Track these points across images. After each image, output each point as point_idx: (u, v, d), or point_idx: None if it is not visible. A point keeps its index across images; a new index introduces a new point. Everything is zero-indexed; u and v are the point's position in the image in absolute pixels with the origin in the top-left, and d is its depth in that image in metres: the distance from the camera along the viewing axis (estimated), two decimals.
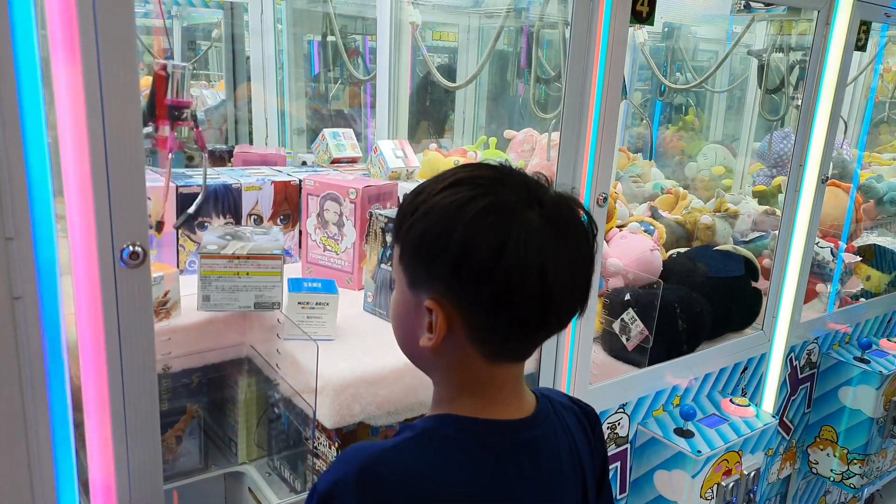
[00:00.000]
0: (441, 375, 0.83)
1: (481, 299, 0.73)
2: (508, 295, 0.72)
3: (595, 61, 1.38)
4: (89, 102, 0.81)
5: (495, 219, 0.72)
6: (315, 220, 1.65)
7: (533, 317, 0.75)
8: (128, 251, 0.87)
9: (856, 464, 2.41)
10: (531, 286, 0.72)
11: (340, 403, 1.25)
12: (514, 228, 0.72)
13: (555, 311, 0.76)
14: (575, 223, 0.77)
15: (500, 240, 0.71)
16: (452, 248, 0.72)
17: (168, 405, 1.42)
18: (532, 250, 0.71)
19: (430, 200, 0.75)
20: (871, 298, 2.65)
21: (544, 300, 0.73)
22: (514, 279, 0.71)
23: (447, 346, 0.77)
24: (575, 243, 0.76)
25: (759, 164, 3.23)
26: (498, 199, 0.73)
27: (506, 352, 0.79)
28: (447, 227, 0.72)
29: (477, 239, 0.71)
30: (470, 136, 3.07)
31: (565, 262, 0.74)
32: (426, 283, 0.76)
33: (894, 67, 4.00)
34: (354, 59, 2.94)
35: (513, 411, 0.82)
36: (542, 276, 0.72)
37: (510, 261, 0.71)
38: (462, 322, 0.75)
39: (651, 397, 1.82)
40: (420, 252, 0.76)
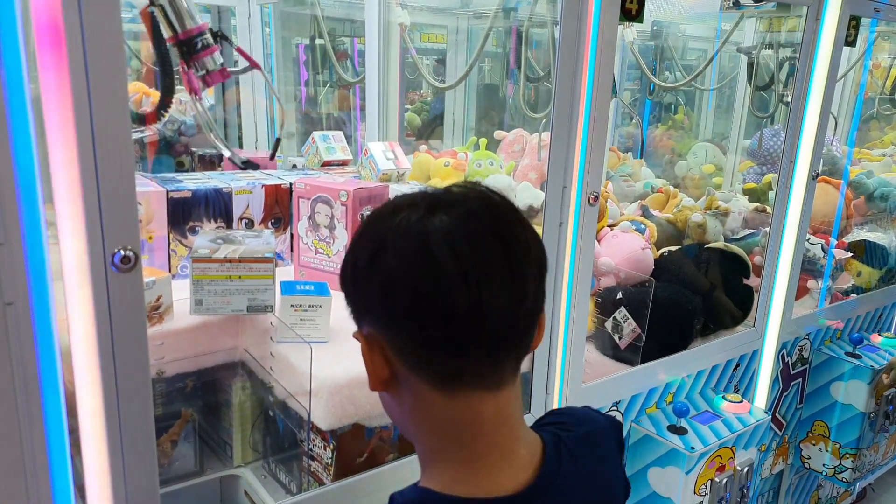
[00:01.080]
0: (411, 429, 0.74)
1: (381, 310, 0.68)
2: (392, 288, 0.66)
3: (585, 60, 1.39)
4: (77, 107, 0.81)
5: (374, 222, 0.70)
6: (306, 223, 1.65)
7: (435, 312, 0.64)
8: (119, 255, 0.87)
9: (848, 458, 2.42)
10: (419, 275, 0.64)
11: (335, 405, 1.25)
12: (393, 223, 0.67)
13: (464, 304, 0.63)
14: (476, 203, 0.68)
15: (379, 238, 0.68)
16: (348, 268, 0.71)
17: (162, 410, 1.41)
18: (411, 240, 0.65)
19: None
20: (862, 294, 2.67)
21: (440, 287, 0.63)
22: (395, 271, 0.65)
23: (400, 386, 0.71)
24: (480, 224, 0.66)
25: (750, 161, 3.24)
26: (385, 207, 0.71)
27: (448, 372, 0.68)
28: (358, 255, 0.70)
29: (362, 245, 0.70)
30: (460, 138, 3.07)
31: (462, 243, 0.64)
32: (355, 317, 0.73)
33: (883, 63, 4.03)
34: (343, 62, 2.94)
35: (503, 478, 0.70)
36: (428, 259, 0.63)
37: (388, 254, 0.66)
38: (389, 345, 0.69)
39: (644, 395, 1.83)
40: (342, 281, 0.73)
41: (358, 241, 0.71)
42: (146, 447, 0.98)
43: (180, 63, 1.19)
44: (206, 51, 1.17)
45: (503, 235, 0.66)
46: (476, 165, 2.31)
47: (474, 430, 0.69)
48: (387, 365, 0.70)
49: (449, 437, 0.70)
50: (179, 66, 1.20)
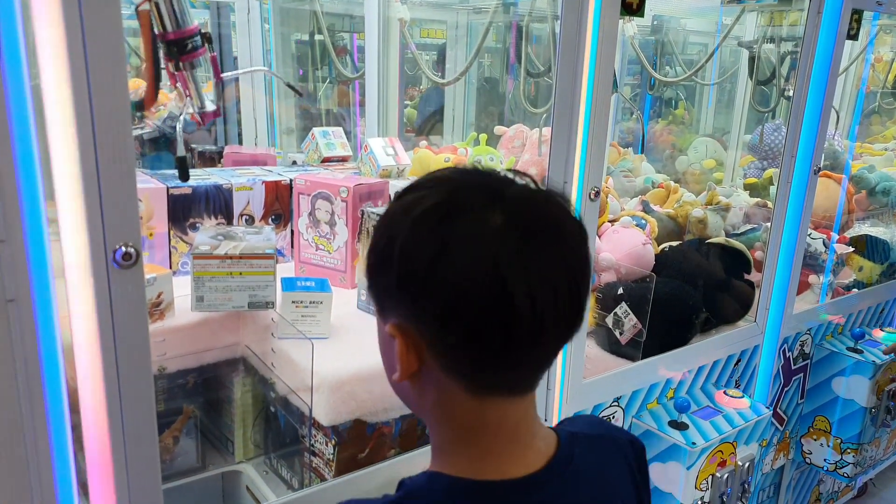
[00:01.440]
0: (430, 419, 0.72)
1: (431, 316, 0.63)
2: (457, 308, 0.61)
3: (585, 55, 1.38)
4: (77, 104, 0.81)
5: (437, 220, 0.62)
6: (307, 219, 1.65)
7: (495, 336, 0.62)
8: (120, 252, 0.87)
9: (849, 453, 2.42)
10: (485, 296, 0.60)
11: (336, 401, 1.25)
12: (459, 228, 0.61)
13: (527, 329, 0.62)
14: (549, 220, 0.65)
15: (440, 243, 0.61)
16: (395, 259, 0.64)
17: (164, 406, 1.42)
18: (482, 253, 0.60)
19: (385, 213, 0.69)
20: (863, 289, 2.67)
21: (507, 315, 0.61)
22: (459, 288, 0.60)
23: (425, 380, 0.68)
24: (550, 244, 0.63)
25: (751, 156, 3.24)
26: (445, 198, 0.64)
27: (487, 382, 0.67)
28: (391, 237, 0.64)
29: (417, 246, 0.62)
30: (460, 133, 3.07)
31: (533, 265, 0.61)
32: (386, 306, 0.68)
33: (885, 57, 4.02)
34: (342, 58, 2.93)
35: (517, 466, 0.70)
36: (494, 282, 0.60)
37: (452, 267, 0.60)
38: (427, 348, 0.65)
39: (645, 390, 1.83)
40: (373, 269, 0.68)
41: (412, 233, 0.63)
42: (148, 443, 0.98)
43: (166, 63, 1.18)
44: (195, 52, 1.17)
45: (570, 262, 0.65)
46: (476, 161, 2.31)
47: (496, 429, 0.69)
48: (418, 361, 0.67)
49: (470, 431, 0.69)
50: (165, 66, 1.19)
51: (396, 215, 0.66)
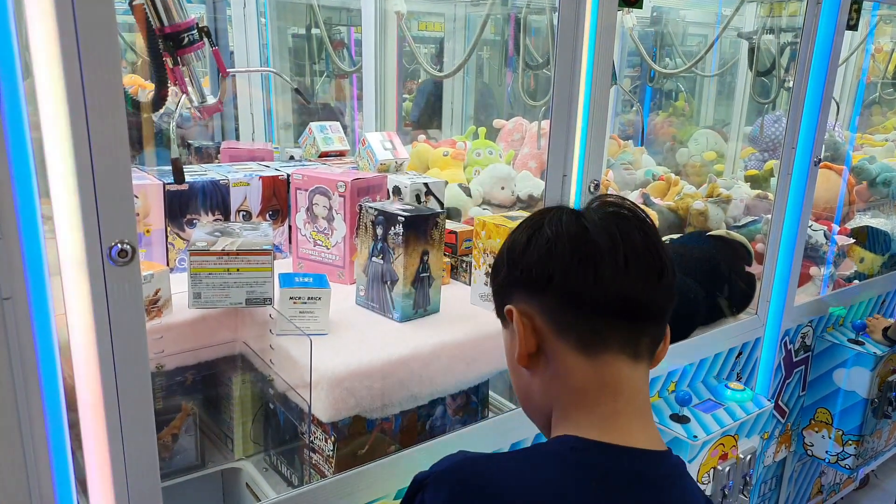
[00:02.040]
0: (548, 395, 0.78)
1: (534, 282, 0.76)
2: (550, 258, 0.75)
3: (584, 46, 1.37)
4: (71, 100, 0.80)
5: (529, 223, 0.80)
6: (304, 214, 1.64)
7: (587, 272, 0.73)
8: (116, 249, 0.86)
9: (850, 445, 2.42)
10: (572, 242, 0.74)
11: (335, 397, 1.25)
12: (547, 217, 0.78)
13: (611, 263, 0.73)
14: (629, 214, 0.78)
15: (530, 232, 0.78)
16: (515, 248, 0.79)
17: (163, 403, 1.41)
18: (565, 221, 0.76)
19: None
20: (864, 280, 2.66)
21: (591, 250, 0.73)
22: (549, 244, 0.75)
23: (541, 358, 0.77)
24: (625, 219, 0.77)
25: (751, 148, 3.23)
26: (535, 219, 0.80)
27: (597, 338, 0.75)
28: (515, 240, 0.80)
29: (515, 237, 0.80)
30: (459, 127, 3.06)
31: (612, 227, 0.75)
32: (504, 299, 0.80)
33: (886, 47, 4.00)
34: (340, 51, 2.91)
35: (642, 438, 0.74)
36: (582, 232, 0.74)
37: (544, 236, 0.75)
38: (540, 312, 0.76)
39: None
40: (495, 270, 0.82)
41: (513, 234, 0.81)
42: (147, 441, 0.97)
43: (164, 57, 1.16)
44: (191, 46, 1.17)
45: (644, 229, 0.76)
46: (475, 154, 2.30)
47: (614, 389, 0.75)
48: (535, 336, 0.76)
49: (588, 395, 0.75)
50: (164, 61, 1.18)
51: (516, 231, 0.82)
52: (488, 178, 2.14)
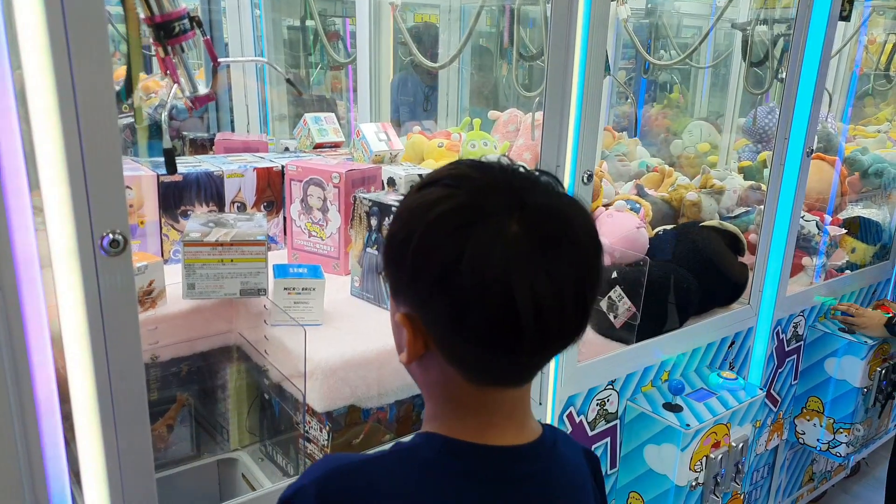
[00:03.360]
0: (428, 392, 0.75)
1: (440, 315, 0.65)
2: (465, 313, 0.63)
3: (577, 37, 1.37)
4: (60, 89, 0.80)
5: (456, 224, 0.63)
6: (299, 205, 1.64)
7: (500, 341, 0.64)
8: (108, 239, 0.86)
9: (842, 433, 2.44)
10: (492, 306, 0.62)
11: (330, 387, 1.25)
12: (476, 237, 0.62)
13: (529, 338, 0.64)
14: (565, 234, 0.65)
15: (457, 249, 0.62)
16: (410, 255, 0.65)
17: (158, 394, 1.41)
18: (494, 264, 0.61)
19: (405, 201, 0.70)
20: (856, 270, 2.67)
21: (511, 324, 0.62)
22: (470, 296, 0.62)
23: (429, 362, 0.70)
24: (562, 260, 0.63)
25: (745, 139, 3.23)
26: (466, 202, 0.64)
27: (488, 376, 0.70)
28: (409, 232, 0.65)
29: (433, 246, 0.63)
30: (454, 118, 3.06)
31: (543, 279, 0.62)
32: (399, 294, 0.70)
33: (878, 38, 4.01)
34: (335, 43, 2.91)
35: (511, 437, 0.72)
36: (505, 295, 0.61)
37: (466, 274, 0.61)
38: (433, 339, 0.68)
39: (639, 373, 1.83)
40: (388, 257, 0.70)
41: (429, 233, 0.64)
42: (141, 432, 0.97)
43: (155, 47, 1.15)
44: (182, 36, 1.15)
45: (580, 274, 0.65)
46: (470, 146, 2.30)
47: (494, 408, 0.72)
48: (424, 348, 0.69)
49: (469, 408, 0.72)
50: (155, 51, 1.17)
51: (417, 210, 0.66)
52: None
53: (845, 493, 2.98)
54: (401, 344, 0.72)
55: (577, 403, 1.67)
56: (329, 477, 0.70)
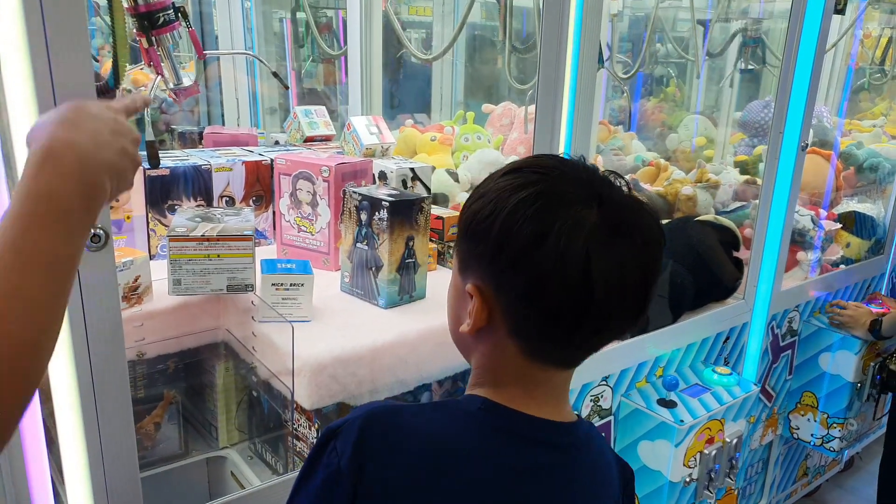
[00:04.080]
0: (478, 361, 0.79)
1: (517, 288, 0.71)
2: (543, 287, 0.69)
3: (570, 28, 1.35)
4: (37, 80, 0.77)
5: (541, 207, 0.69)
6: (288, 200, 1.62)
7: (568, 316, 0.70)
8: None
9: (836, 428, 2.44)
10: (569, 283, 0.68)
11: (318, 384, 1.23)
12: (560, 220, 0.68)
13: (595, 316, 0.70)
14: (637, 228, 0.71)
15: (541, 229, 0.68)
16: (494, 232, 0.70)
17: (145, 392, 1.39)
18: (576, 245, 0.67)
19: (488, 184, 0.75)
20: (850, 265, 2.67)
21: (584, 301, 0.68)
22: (551, 271, 0.68)
23: (487, 334, 0.75)
24: (632, 249, 0.70)
25: (741, 133, 3.22)
26: (550, 189, 0.70)
27: (544, 353, 0.75)
28: (493, 211, 0.71)
29: (519, 224, 0.69)
30: (448, 112, 3.03)
31: (616, 265, 0.69)
32: (471, 268, 0.75)
33: (874, 32, 3.99)
34: (325, 35, 2.87)
35: (550, 412, 0.77)
36: (584, 274, 0.67)
37: (548, 251, 0.67)
38: (501, 311, 0.73)
39: (634, 369, 1.82)
40: (468, 234, 0.75)
41: (515, 213, 0.69)
42: (124, 431, 0.96)
43: (139, 37, 1.14)
44: (167, 27, 1.14)
45: (646, 265, 0.72)
46: (463, 140, 2.28)
47: (540, 383, 0.77)
48: (487, 319, 0.74)
49: (514, 379, 0.76)
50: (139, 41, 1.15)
51: (504, 191, 0.71)
52: (476, 163, 2.12)
53: (839, 488, 2.99)
54: (460, 315, 0.77)
55: (571, 399, 1.65)
56: (373, 414, 0.74)
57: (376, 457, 0.71)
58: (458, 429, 0.75)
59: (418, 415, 0.76)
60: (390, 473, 0.71)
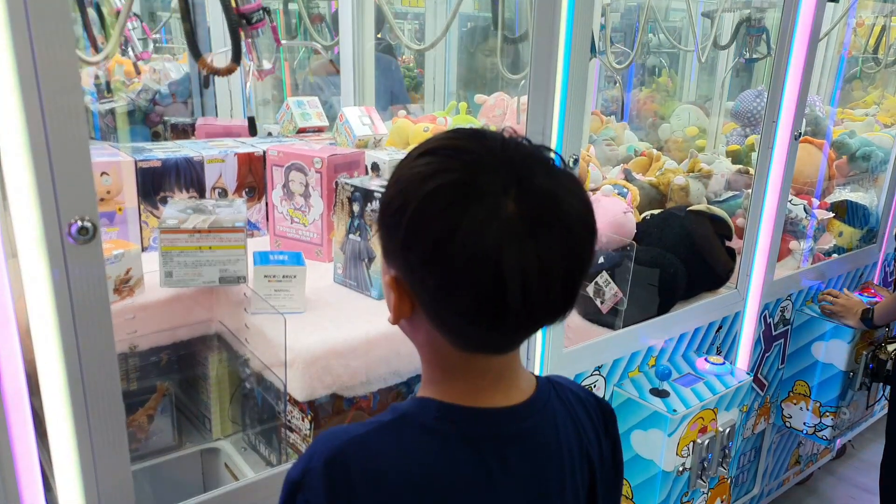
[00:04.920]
0: (421, 354, 0.77)
1: (427, 285, 0.67)
2: (455, 286, 0.64)
3: (562, 18, 1.34)
4: (21, 68, 0.76)
5: (452, 200, 0.63)
6: (281, 191, 1.61)
7: (485, 315, 0.65)
8: (76, 226, 0.83)
9: (828, 416, 2.45)
10: (481, 282, 0.63)
11: (311, 376, 1.23)
12: (469, 215, 0.62)
13: (515, 313, 0.65)
14: (558, 215, 0.65)
15: (450, 225, 0.62)
16: (403, 227, 0.65)
17: (137, 384, 1.39)
18: (487, 242, 0.62)
19: (402, 168, 0.69)
20: (843, 254, 2.67)
21: (498, 300, 0.63)
22: (461, 270, 0.63)
23: (417, 325, 0.73)
24: (553, 238, 0.64)
25: (733, 123, 3.22)
26: (464, 178, 0.64)
27: (472, 345, 0.72)
28: (404, 201, 0.66)
29: (427, 220, 0.64)
30: (441, 102, 3.02)
31: (533, 259, 0.63)
32: (389, 257, 0.71)
33: (867, 21, 3.99)
34: (318, 26, 2.86)
35: (502, 398, 0.75)
36: (496, 274, 0.62)
37: (457, 250, 0.62)
38: (420, 306, 0.69)
39: (626, 359, 1.83)
40: (382, 223, 0.70)
41: (424, 207, 0.64)
42: (114, 425, 0.95)
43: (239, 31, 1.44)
44: (259, 23, 1.46)
45: (571, 259, 0.66)
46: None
47: (482, 372, 0.74)
48: (410, 311, 0.71)
49: (457, 371, 0.74)
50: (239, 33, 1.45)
51: (413, 181, 0.66)
52: None
53: (831, 476, 3.01)
54: (390, 303, 0.73)
55: None
56: (335, 454, 0.71)
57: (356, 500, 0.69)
58: (423, 447, 0.72)
59: (379, 440, 0.72)
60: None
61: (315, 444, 0.74)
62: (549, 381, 0.82)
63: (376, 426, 0.74)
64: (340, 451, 0.71)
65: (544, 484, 0.77)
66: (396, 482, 0.71)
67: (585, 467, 0.81)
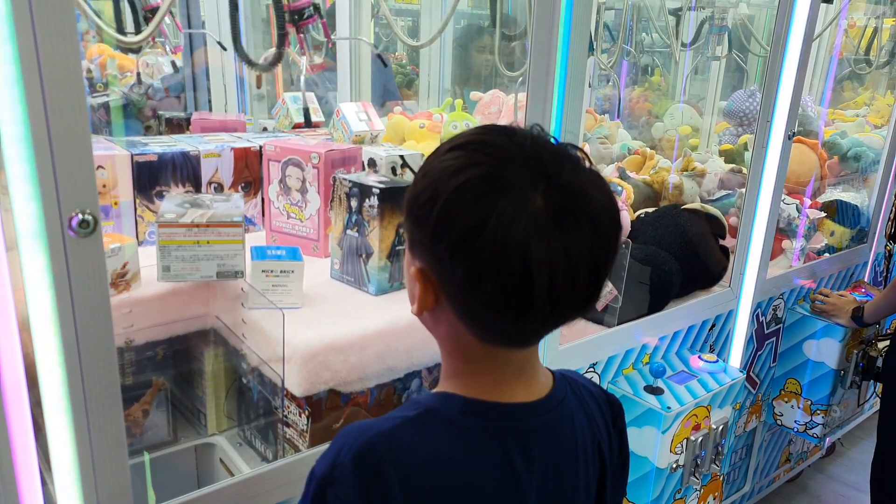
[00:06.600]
0: (442, 347, 0.78)
1: (455, 276, 0.68)
2: (482, 279, 0.66)
3: (560, 16, 1.35)
4: (24, 60, 0.76)
5: (480, 194, 0.65)
6: (277, 186, 1.61)
7: (511, 307, 0.67)
8: (77, 220, 0.83)
9: (818, 414, 2.48)
10: (509, 274, 0.64)
11: (309, 371, 1.23)
12: (499, 208, 0.64)
13: (541, 306, 0.66)
14: (586, 210, 0.67)
15: (479, 218, 0.64)
16: (433, 219, 0.67)
17: (133, 379, 1.39)
18: (515, 235, 0.63)
19: (432, 161, 0.71)
20: (834, 253, 2.70)
21: (525, 293, 0.65)
22: (489, 262, 0.64)
23: (441, 317, 0.74)
24: (580, 233, 0.66)
25: (726, 122, 3.24)
26: (491, 172, 0.66)
27: (496, 337, 0.73)
28: (434, 194, 0.67)
29: (458, 212, 0.65)
30: (436, 99, 3.02)
31: (560, 253, 0.64)
32: (416, 250, 0.72)
33: (858, 22, 4.02)
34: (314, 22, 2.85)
35: (520, 394, 0.77)
36: (524, 266, 0.64)
37: (486, 242, 0.64)
38: (445, 296, 0.71)
39: (621, 356, 1.84)
40: (411, 215, 0.72)
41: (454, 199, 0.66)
42: (113, 418, 0.95)
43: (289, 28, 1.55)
44: (309, 19, 1.57)
45: (596, 252, 0.67)
46: (452, 127, 2.27)
47: (504, 365, 0.76)
48: (434, 302, 0.72)
49: (479, 364, 0.75)
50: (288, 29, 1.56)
51: (443, 174, 0.68)
52: None
53: (821, 473, 3.03)
54: (413, 295, 0.75)
55: None
56: (365, 448, 0.71)
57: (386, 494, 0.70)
58: (450, 442, 0.73)
59: (406, 435, 0.73)
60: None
61: (340, 438, 0.74)
62: (563, 376, 0.84)
63: (402, 421, 0.74)
64: (369, 446, 0.72)
65: (562, 477, 0.79)
66: (424, 475, 0.72)
67: (597, 460, 0.83)
